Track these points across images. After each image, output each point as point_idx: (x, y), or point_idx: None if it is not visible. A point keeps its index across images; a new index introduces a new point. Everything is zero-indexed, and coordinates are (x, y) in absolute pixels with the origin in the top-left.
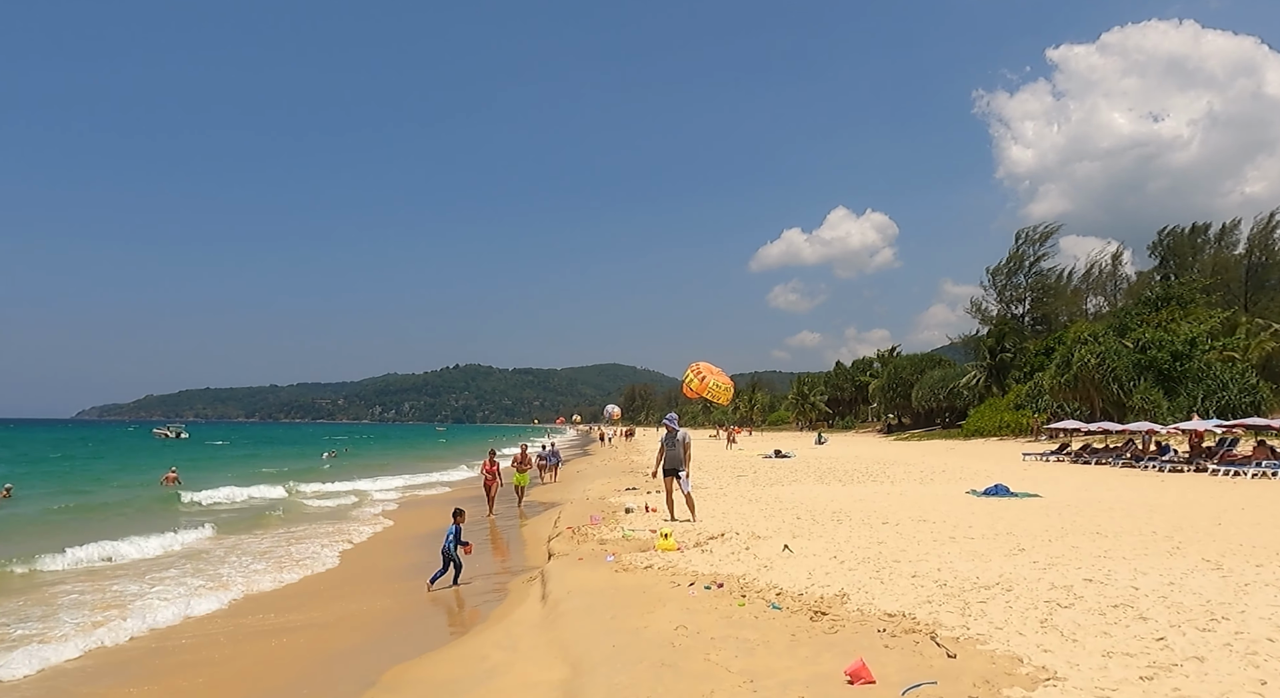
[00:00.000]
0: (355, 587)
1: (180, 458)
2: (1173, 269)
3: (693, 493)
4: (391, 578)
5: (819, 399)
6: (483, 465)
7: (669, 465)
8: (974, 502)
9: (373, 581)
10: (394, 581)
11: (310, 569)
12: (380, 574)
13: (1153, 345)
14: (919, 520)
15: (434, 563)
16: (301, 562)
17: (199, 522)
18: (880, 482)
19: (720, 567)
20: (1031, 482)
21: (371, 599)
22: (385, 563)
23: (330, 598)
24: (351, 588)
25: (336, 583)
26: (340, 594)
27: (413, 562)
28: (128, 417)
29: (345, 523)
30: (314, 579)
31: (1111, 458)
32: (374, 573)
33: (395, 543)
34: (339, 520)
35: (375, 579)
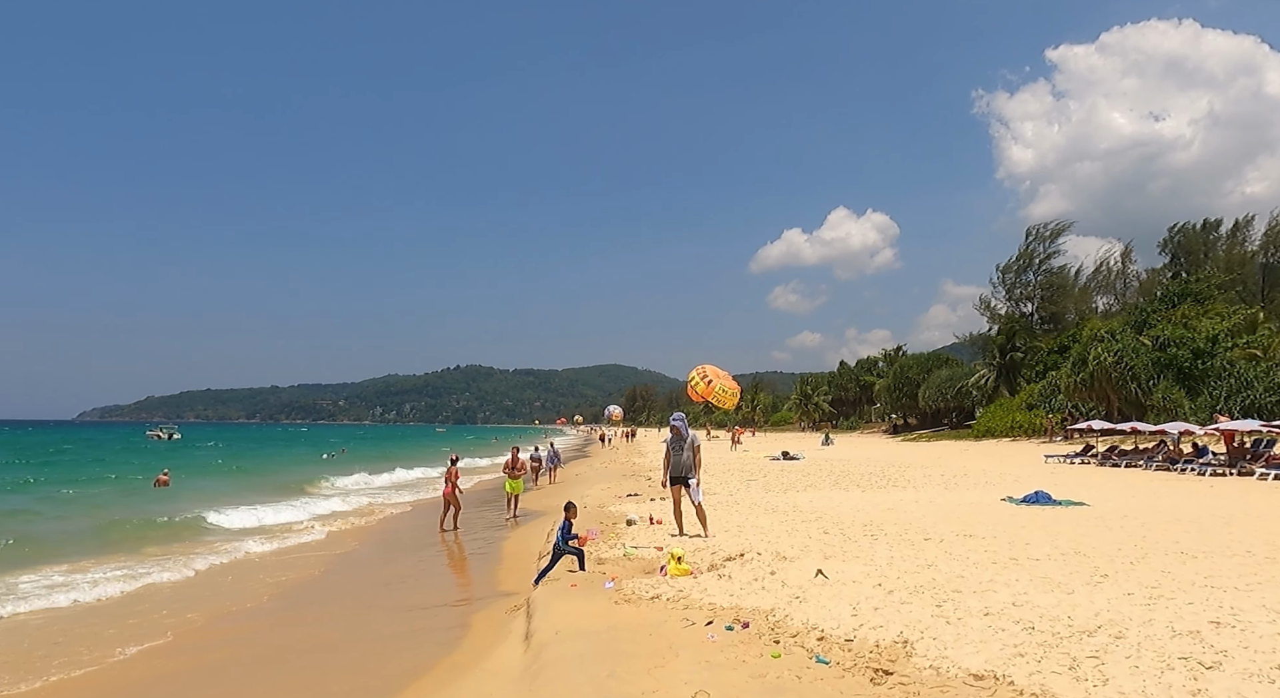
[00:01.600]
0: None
1: (168, 462)
2: (1183, 266)
3: (703, 502)
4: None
5: (823, 399)
6: (445, 474)
7: (676, 473)
8: (1016, 512)
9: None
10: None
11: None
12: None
13: (1173, 343)
14: (965, 535)
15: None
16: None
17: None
18: (902, 487)
19: (742, 598)
20: (1068, 487)
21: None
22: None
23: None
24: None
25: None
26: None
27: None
28: (129, 418)
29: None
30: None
31: (1143, 460)
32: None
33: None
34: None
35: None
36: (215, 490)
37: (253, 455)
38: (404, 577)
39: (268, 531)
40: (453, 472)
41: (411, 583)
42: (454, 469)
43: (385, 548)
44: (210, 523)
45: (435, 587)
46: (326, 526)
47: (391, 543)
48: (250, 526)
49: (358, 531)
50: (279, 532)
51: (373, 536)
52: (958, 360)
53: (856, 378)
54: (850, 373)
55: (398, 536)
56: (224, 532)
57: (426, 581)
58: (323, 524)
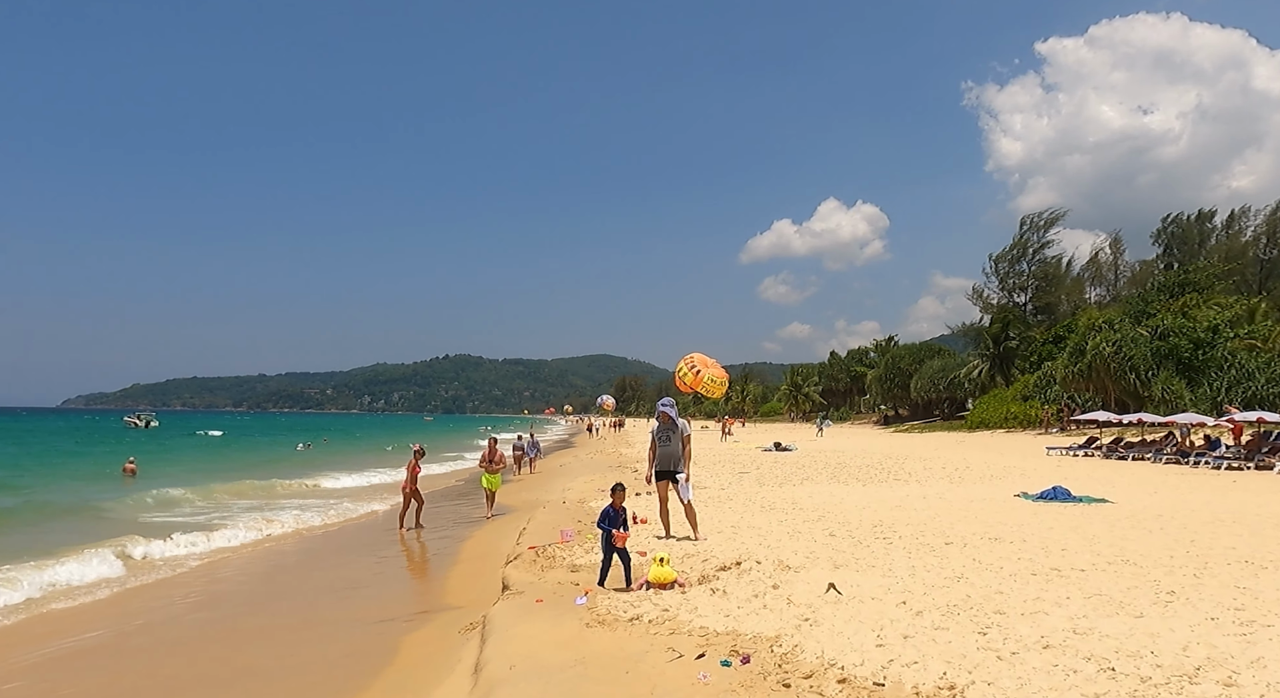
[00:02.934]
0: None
1: (140, 450)
2: (1176, 257)
3: (693, 499)
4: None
5: (813, 390)
6: (408, 466)
7: (663, 466)
8: (1037, 510)
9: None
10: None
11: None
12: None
13: (1173, 333)
14: (990, 539)
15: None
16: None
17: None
18: (905, 481)
19: (740, 620)
20: (1080, 481)
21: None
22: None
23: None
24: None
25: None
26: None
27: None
28: (114, 406)
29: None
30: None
31: (1151, 453)
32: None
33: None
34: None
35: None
36: (181, 482)
37: (230, 445)
38: (355, 583)
39: (207, 526)
40: (414, 464)
41: (362, 591)
42: (416, 461)
43: (340, 550)
44: (145, 520)
45: (379, 597)
46: (272, 525)
47: (347, 544)
48: (191, 520)
49: (311, 530)
50: (216, 527)
51: (327, 537)
52: (950, 351)
53: (847, 369)
54: (841, 363)
55: (357, 536)
56: (157, 528)
57: (377, 588)
58: (268, 525)
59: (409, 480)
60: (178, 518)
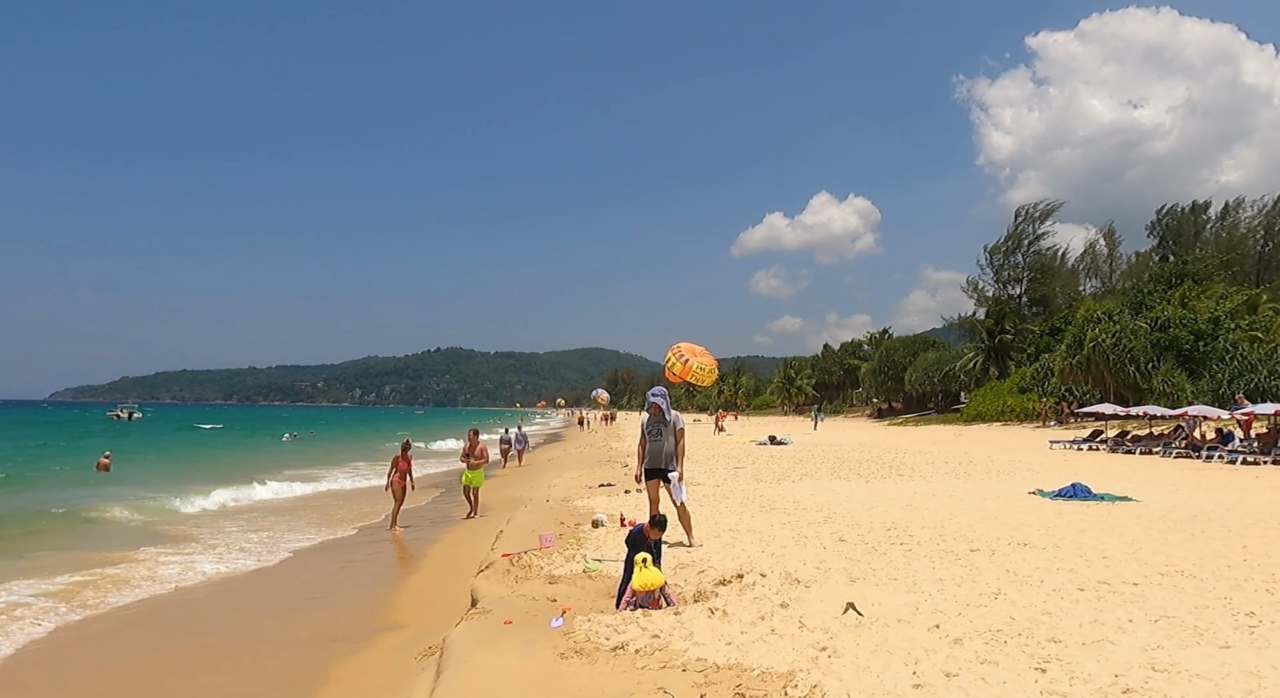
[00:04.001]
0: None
1: (123, 443)
2: (1171, 249)
3: (687, 499)
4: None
5: (806, 383)
6: (393, 461)
7: (654, 463)
8: (1060, 510)
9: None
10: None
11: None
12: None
13: (1173, 324)
14: (1019, 544)
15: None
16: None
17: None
18: (909, 477)
19: (746, 650)
20: (1092, 477)
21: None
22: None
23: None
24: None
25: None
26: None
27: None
28: (103, 398)
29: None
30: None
31: (1160, 447)
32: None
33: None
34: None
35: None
36: (156, 477)
37: (213, 439)
38: (312, 592)
39: (172, 519)
40: (402, 458)
41: (318, 602)
42: (404, 454)
43: (304, 553)
44: (96, 517)
45: (335, 610)
46: (240, 525)
47: (313, 547)
48: (151, 519)
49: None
50: (183, 523)
51: (290, 535)
52: (944, 344)
53: (840, 361)
54: (834, 356)
55: (323, 537)
56: (115, 524)
57: (334, 599)
58: (234, 524)
59: (397, 475)
60: (136, 518)
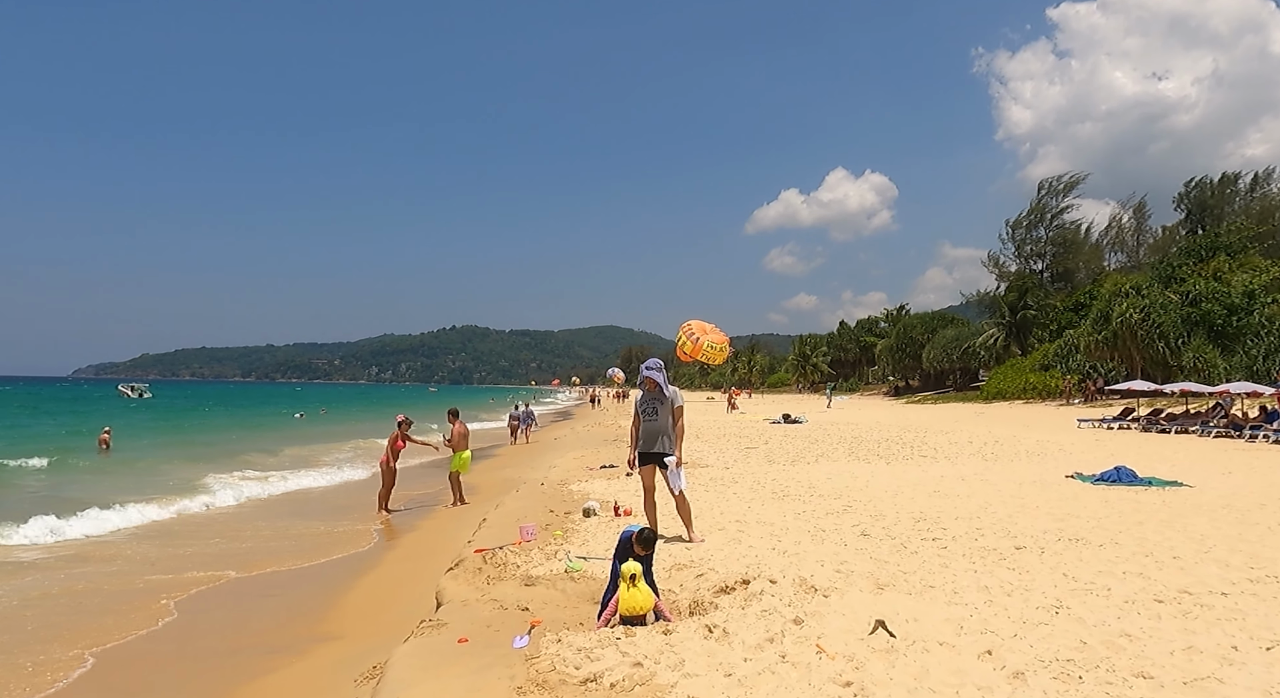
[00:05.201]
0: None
1: (126, 420)
2: (1199, 222)
3: (691, 484)
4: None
5: (821, 360)
6: (389, 441)
7: (648, 446)
8: (1106, 496)
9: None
10: None
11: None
12: None
13: (1205, 298)
14: (1071, 540)
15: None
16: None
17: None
18: (933, 458)
19: (750, 684)
20: (1131, 458)
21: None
22: None
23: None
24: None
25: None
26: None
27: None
28: (124, 375)
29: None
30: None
31: (1198, 425)
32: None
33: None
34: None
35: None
36: (152, 456)
37: (222, 415)
38: (272, 587)
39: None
40: (398, 437)
41: (271, 601)
42: (401, 433)
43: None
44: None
45: (275, 609)
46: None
47: (275, 531)
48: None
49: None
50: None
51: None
52: (963, 320)
53: (857, 338)
54: (850, 333)
55: (290, 519)
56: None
57: (277, 597)
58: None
59: (389, 455)
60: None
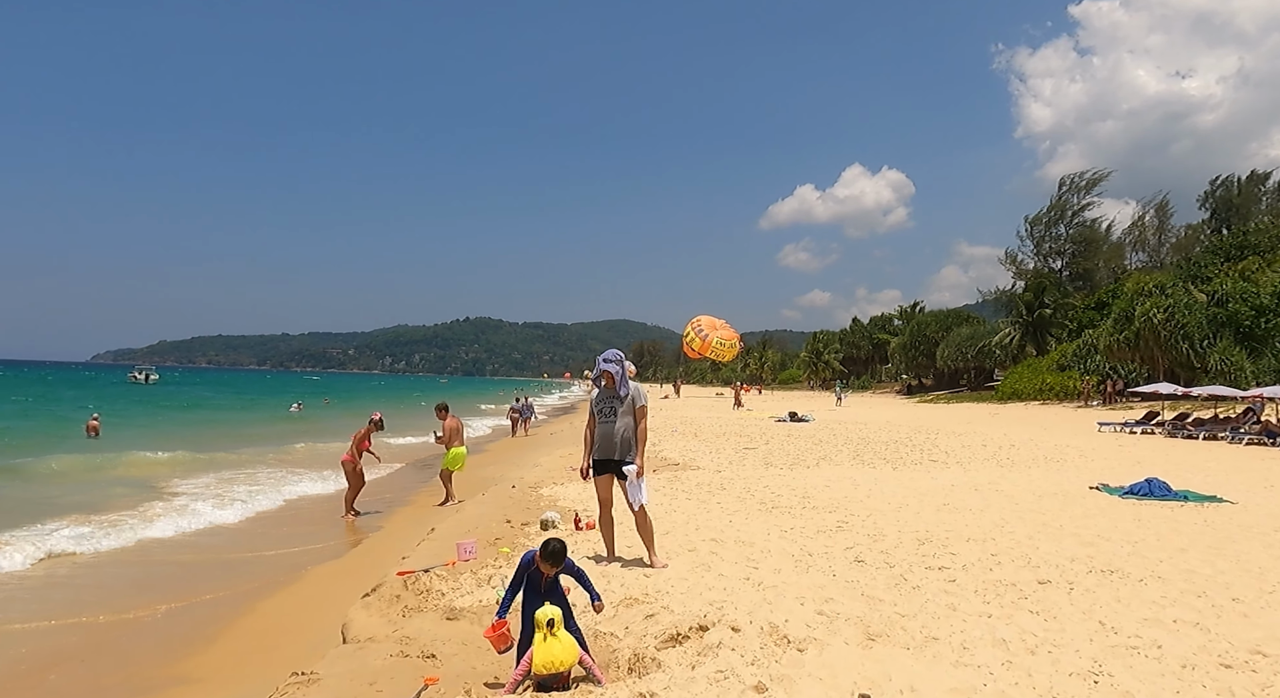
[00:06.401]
0: None
1: (121, 407)
2: (1225, 221)
3: (673, 492)
4: None
5: (834, 357)
6: (354, 438)
7: (604, 453)
8: (1138, 513)
9: None
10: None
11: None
12: None
13: (1232, 298)
14: (1101, 571)
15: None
16: None
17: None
18: (943, 463)
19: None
20: (1160, 467)
21: None
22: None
23: None
24: None
25: None
26: None
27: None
28: (141, 362)
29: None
30: None
31: (1227, 431)
32: None
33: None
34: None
35: None
36: (133, 445)
37: (222, 404)
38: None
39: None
40: (365, 435)
41: (158, 626)
42: (368, 433)
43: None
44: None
45: (142, 645)
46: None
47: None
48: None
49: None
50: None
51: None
52: (979, 318)
53: (870, 336)
54: (863, 330)
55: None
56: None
57: (152, 627)
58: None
59: (353, 453)
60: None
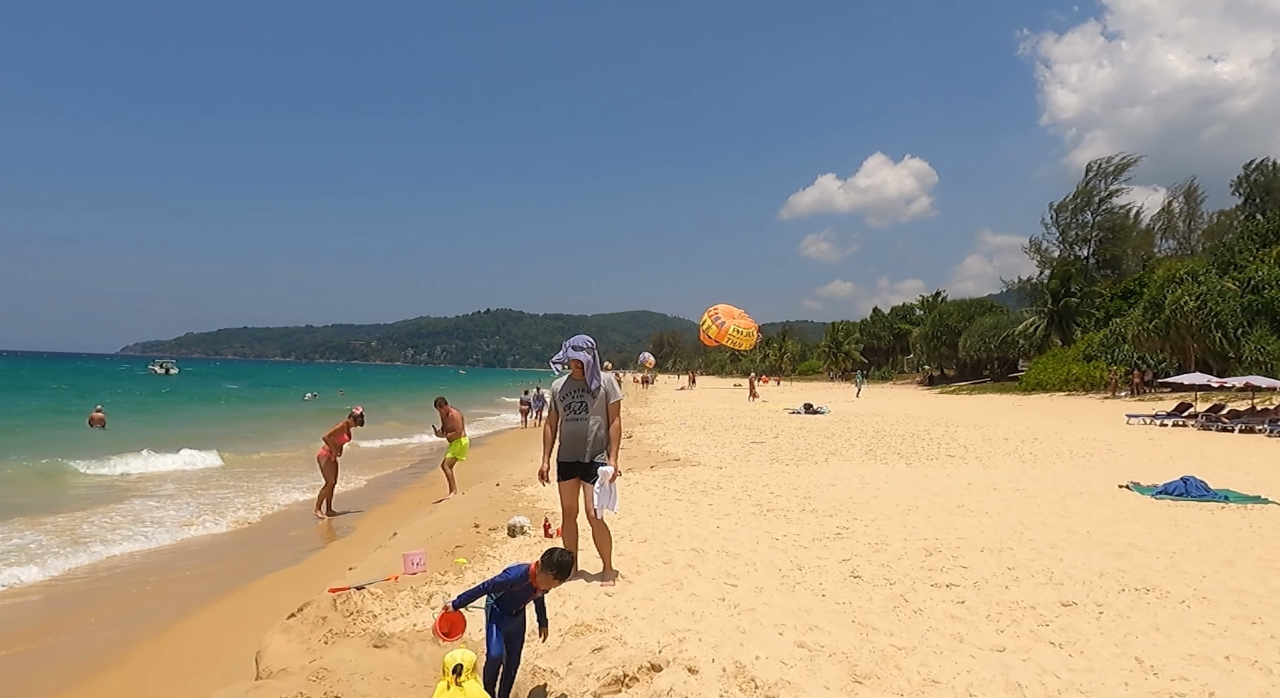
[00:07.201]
0: None
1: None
2: (1260, 206)
3: (664, 492)
4: None
5: (854, 348)
6: (332, 433)
7: (570, 455)
8: (1175, 517)
9: None
10: None
11: None
12: None
13: (1269, 285)
14: (1135, 589)
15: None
16: None
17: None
18: (961, 458)
19: None
20: (1195, 462)
21: None
22: None
23: None
24: None
25: None
26: None
27: None
28: (169, 353)
29: None
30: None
31: (1265, 424)
32: None
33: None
34: None
35: None
36: (131, 438)
37: (239, 395)
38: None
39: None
40: (344, 429)
41: (44, 646)
42: (347, 428)
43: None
44: None
45: (67, 661)
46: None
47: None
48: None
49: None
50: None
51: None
52: (1002, 307)
53: (891, 326)
54: (884, 320)
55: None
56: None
57: (100, 636)
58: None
59: (331, 449)
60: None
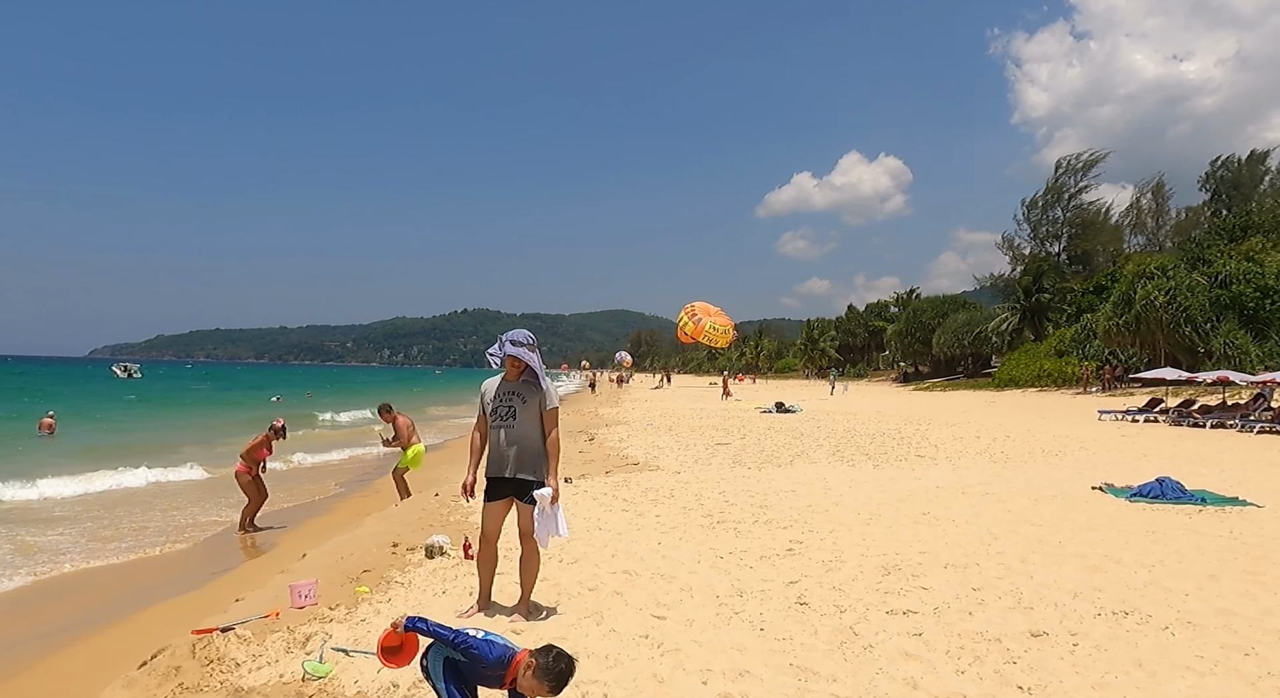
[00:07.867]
0: None
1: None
2: (1225, 202)
3: (610, 501)
4: None
5: (829, 345)
6: (250, 447)
7: (502, 468)
8: (1152, 522)
9: None
10: None
11: None
12: None
13: (1236, 280)
14: (1116, 615)
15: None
16: None
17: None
18: (931, 458)
19: None
20: (1168, 460)
21: None
22: None
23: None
24: None
25: None
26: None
27: None
28: (139, 356)
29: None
30: None
31: (1237, 419)
32: None
33: None
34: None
35: None
36: (75, 447)
37: (202, 398)
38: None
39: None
40: (264, 443)
41: None
42: (268, 441)
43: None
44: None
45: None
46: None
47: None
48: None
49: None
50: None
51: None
52: (976, 304)
53: (865, 323)
54: (859, 317)
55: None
56: None
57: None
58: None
59: (249, 464)
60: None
